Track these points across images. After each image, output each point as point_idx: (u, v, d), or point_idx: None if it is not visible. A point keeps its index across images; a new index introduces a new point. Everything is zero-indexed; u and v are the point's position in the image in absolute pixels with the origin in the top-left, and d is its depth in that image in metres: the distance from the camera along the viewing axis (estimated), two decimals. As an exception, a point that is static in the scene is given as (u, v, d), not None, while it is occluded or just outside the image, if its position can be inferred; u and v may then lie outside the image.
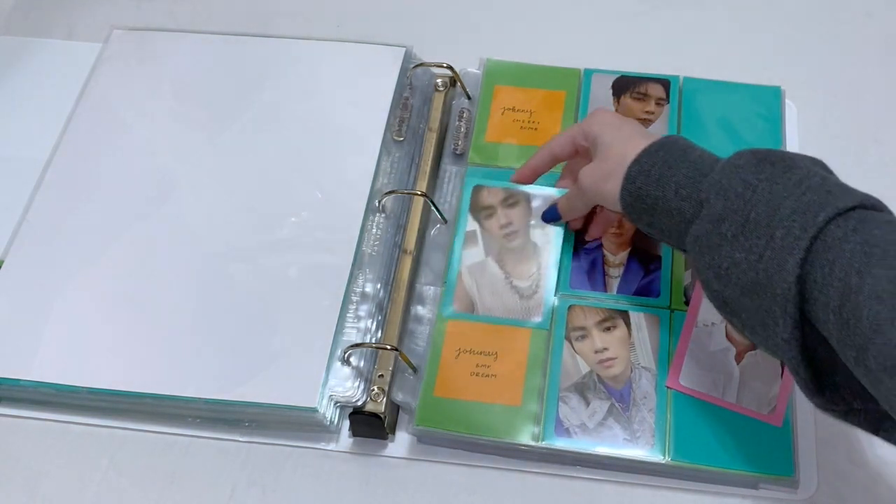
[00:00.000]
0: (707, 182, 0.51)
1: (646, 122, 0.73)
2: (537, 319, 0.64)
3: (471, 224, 0.68)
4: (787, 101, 0.75)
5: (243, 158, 0.73)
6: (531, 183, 0.69)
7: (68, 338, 0.65)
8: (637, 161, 0.56)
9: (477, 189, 0.69)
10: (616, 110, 0.74)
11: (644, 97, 0.75)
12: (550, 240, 0.67)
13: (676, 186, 0.53)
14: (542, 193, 0.68)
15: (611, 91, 0.75)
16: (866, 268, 0.42)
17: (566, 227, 0.68)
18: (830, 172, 0.51)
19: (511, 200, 0.68)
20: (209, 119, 0.75)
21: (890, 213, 0.48)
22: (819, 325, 0.45)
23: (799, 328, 0.46)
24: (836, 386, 0.47)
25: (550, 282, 0.65)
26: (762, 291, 0.46)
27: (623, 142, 0.58)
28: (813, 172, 0.48)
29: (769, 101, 0.74)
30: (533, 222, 0.68)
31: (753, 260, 0.47)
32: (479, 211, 0.68)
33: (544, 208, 0.67)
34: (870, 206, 0.46)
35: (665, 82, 0.75)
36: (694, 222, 0.52)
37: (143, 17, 0.85)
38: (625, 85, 0.76)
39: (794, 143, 0.74)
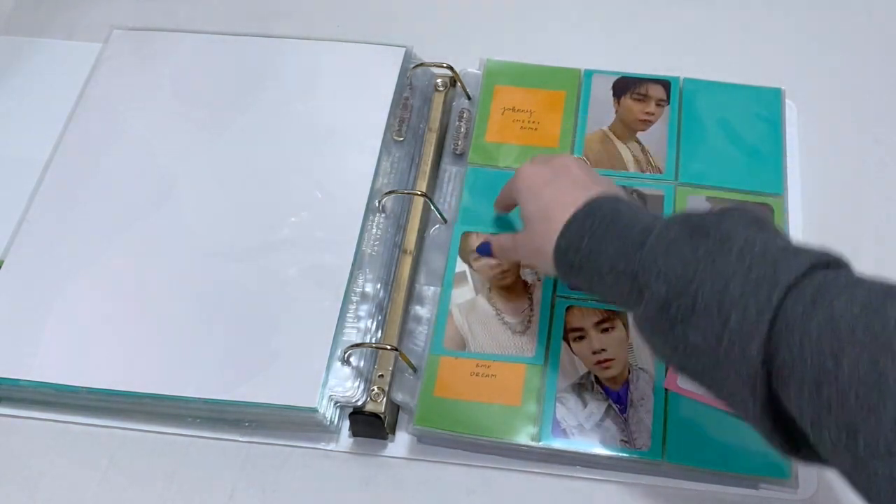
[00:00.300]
0: (640, 258, 0.49)
1: (646, 123, 0.73)
2: (530, 355, 0.63)
3: (460, 266, 0.67)
4: (788, 102, 0.75)
5: (243, 158, 0.73)
6: (509, 211, 0.67)
7: (68, 338, 0.65)
8: (563, 234, 0.53)
9: (465, 235, 0.68)
10: (616, 111, 0.74)
11: (644, 98, 0.75)
12: (541, 277, 0.66)
13: (611, 263, 0.51)
14: None
15: (611, 92, 0.75)
16: (840, 350, 0.41)
17: None
18: (765, 222, 0.49)
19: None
20: (209, 119, 0.75)
21: (845, 268, 0.46)
22: (789, 403, 0.43)
23: (769, 403, 0.44)
24: (810, 444, 0.45)
25: (543, 317, 0.65)
26: (726, 373, 0.45)
27: (546, 213, 0.55)
28: (751, 240, 0.46)
29: (770, 102, 0.74)
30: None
31: (712, 344, 0.45)
32: (469, 254, 0.68)
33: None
34: (822, 264, 0.45)
35: (665, 83, 0.75)
36: (637, 302, 0.49)
37: (143, 17, 0.85)
38: (625, 86, 0.76)
39: (794, 143, 0.74)
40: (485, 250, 0.65)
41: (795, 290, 0.43)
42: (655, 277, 0.48)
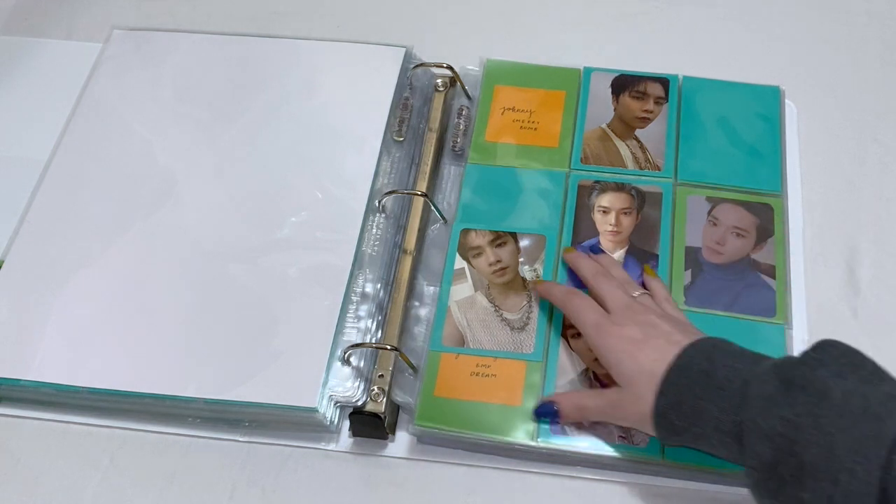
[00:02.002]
0: (743, 417, 0.49)
1: (645, 121, 0.73)
2: (529, 352, 0.63)
3: (458, 262, 0.67)
4: (787, 102, 0.75)
5: (243, 158, 0.73)
6: None
7: (68, 338, 0.65)
8: (663, 393, 0.53)
9: (465, 232, 0.68)
10: (615, 109, 0.74)
11: (643, 96, 0.75)
12: (539, 275, 0.66)
13: (714, 423, 0.51)
14: (530, 234, 0.68)
15: (610, 90, 0.75)
16: None
17: (559, 227, 0.68)
18: (859, 361, 0.49)
19: (499, 241, 0.68)
20: (209, 119, 0.75)
21: None
22: None
23: None
24: None
25: (542, 313, 0.65)
26: None
27: (646, 376, 0.54)
28: (848, 393, 0.47)
29: (768, 100, 0.74)
30: (522, 259, 0.67)
31: (823, 502, 0.45)
32: (468, 251, 0.68)
33: (531, 244, 0.65)
34: None
35: (664, 81, 0.75)
36: (745, 464, 0.50)
37: (143, 17, 0.85)
38: (624, 84, 0.76)
39: (793, 143, 0.74)
40: (548, 413, 0.60)
41: None
42: (758, 439, 0.48)
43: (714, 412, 0.51)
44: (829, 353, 0.50)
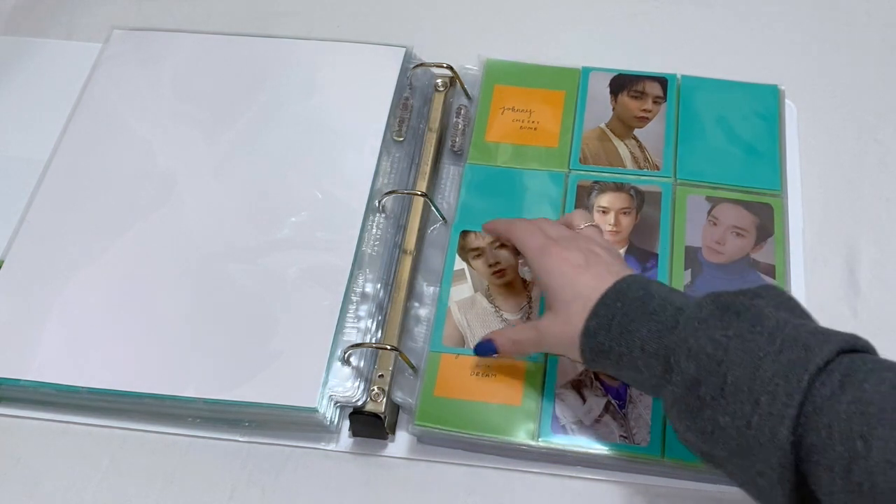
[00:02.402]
0: (673, 339, 0.49)
1: (643, 121, 0.73)
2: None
3: (458, 263, 0.67)
4: (787, 101, 0.75)
5: (243, 158, 0.73)
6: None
7: (68, 338, 0.65)
8: (594, 314, 0.53)
9: (464, 233, 0.68)
10: (613, 109, 0.74)
11: (641, 95, 0.75)
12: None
13: (641, 342, 0.50)
14: None
15: (608, 89, 0.75)
16: (868, 430, 0.41)
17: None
18: (795, 310, 0.50)
19: (499, 242, 0.67)
20: (209, 119, 0.75)
21: (871, 352, 0.46)
22: (817, 487, 0.44)
23: (796, 491, 0.44)
24: None
25: (542, 314, 0.63)
26: (754, 457, 0.45)
27: (581, 301, 0.54)
28: (782, 322, 0.47)
29: (767, 99, 0.74)
30: (522, 260, 0.66)
31: (741, 426, 0.45)
32: (468, 253, 0.68)
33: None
34: (849, 348, 0.45)
35: (663, 80, 0.75)
36: (667, 382, 0.49)
37: (143, 17, 0.85)
38: (622, 83, 0.76)
39: (793, 143, 0.74)
40: (487, 350, 0.61)
41: (824, 374, 0.44)
42: (686, 357, 0.48)
43: (643, 333, 0.51)
44: (769, 292, 0.50)
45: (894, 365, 0.44)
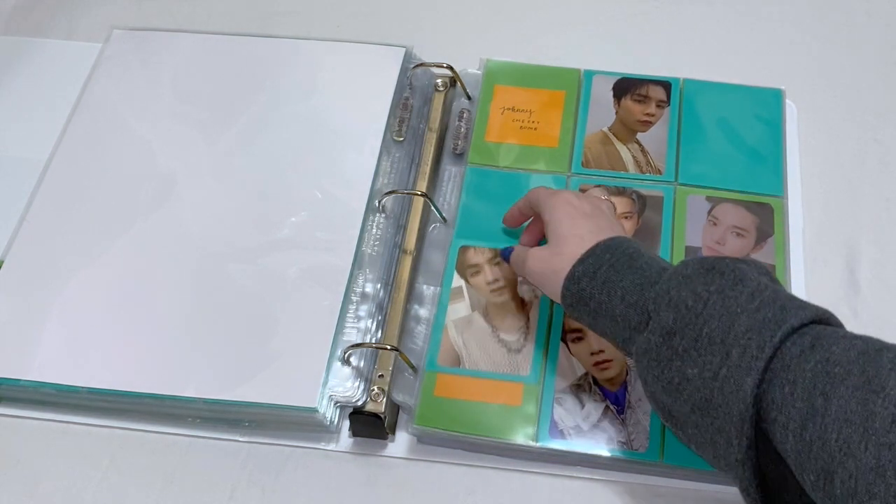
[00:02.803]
0: (654, 291, 0.50)
1: (646, 125, 0.73)
2: (525, 374, 0.62)
3: (456, 281, 0.67)
4: (788, 102, 0.75)
5: (243, 158, 0.73)
6: (518, 226, 0.67)
7: (68, 338, 0.65)
8: (582, 261, 0.54)
9: (463, 249, 0.68)
10: (616, 112, 0.74)
11: (645, 99, 0.75)
12: (538, 294, 0.65)
13: (622, 292, 0.51)
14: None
15: (611, 93, 0.75)
16: (831, 388, 0.42)
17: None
18: (775, 282, 0.50)
19: (498, 259, 0.67)
20: (209, 119, 0.75)
21: (841, 327, 0.47)
22: (776, 445, 0.44)
23: (753, 448, 0.45)
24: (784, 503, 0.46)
25: (540, 335, 0.64)
26: (716, 410, 0.45)
27: (576, 239, 0.56)
28: (763, 285, 0.47)
29: (770, 103, 0.74)
30: (520, 279, 0.66)
31: (708, 377, 0.46)
32: (466, 269, 0.67)
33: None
34: (823, 320, 0.46)
35: (666, 84, 0.75)
36: (641, 332, 0.50)
37: (143, 17, 0.85)
38: (626, 87, 0.76)
39: (794, 143, 0.74)
40: (506, 255, 0.65)
41: (796, 335, 0.45)
42: (666, 305, 0.49)
43: (626, 283, 0.52)
44: (754, 262, 0.51)
45: (864, 337, 0.45)
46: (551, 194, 0.60)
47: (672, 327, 0.48)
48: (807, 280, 0.67)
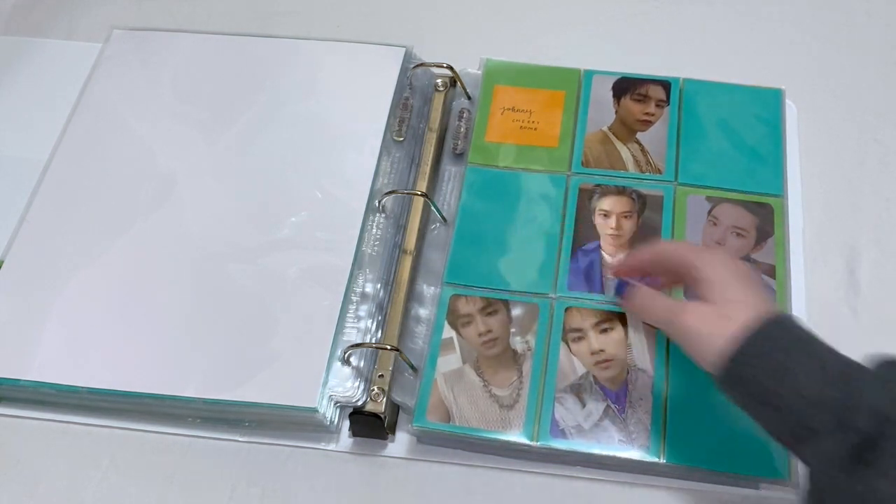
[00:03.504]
0: (852, 393, 0.46)
1: (646, 124, 0.73)
2: (518, 430, 0.60)
3: (447, 332, 0.64)
4: (788, 102, 0.75)
5: (243, 158, 0.73)
6: (636, 277, 0.62)
7: (68, 338, 0.65)
8: (750, 341, 0.49)
9: (454, 298, 0.65)
10: (616, 112, 0.74)
11: (644, 99, 0.75)
12: (532, 346, 0.63)
13: (801, 385, 0.47)
14: (522, 302, 0.65)
15: (611, 93, 0.75)
16: None
17: (560, 230, 0.68)
18: None
19: (490, 309, 0.64)
20: (209, 119, 0.75)
21: None
22: None
23: None
24: None
25: (533, 390, 0.61)
26: None
27: (746, 307, 0.51)
28: None
29: (770, 103, 0.74)
30: (514, 330, 0.64)
31: None
32: (457, 319, 0.64)
33: (523, 314, 0.63)
34: None
35: (666, 84, 0.75)
36: (815, 437, 0.46)
37: (143, 17, 0.85)
38: (625, 87, 0.76)
39: (794, 143, 0.74)
40: (621, 290, 0.61)
41: None
42: (867, 414, 0.45)
43: (807, 372, 0.47)
44: None
45: None
46: (704, 251, 0.57)
47: (869, 435, 0.44)
48: (807, 280, 0.67)
